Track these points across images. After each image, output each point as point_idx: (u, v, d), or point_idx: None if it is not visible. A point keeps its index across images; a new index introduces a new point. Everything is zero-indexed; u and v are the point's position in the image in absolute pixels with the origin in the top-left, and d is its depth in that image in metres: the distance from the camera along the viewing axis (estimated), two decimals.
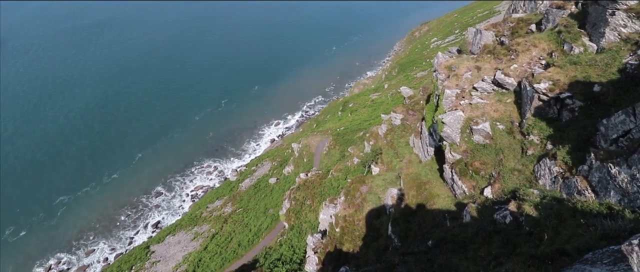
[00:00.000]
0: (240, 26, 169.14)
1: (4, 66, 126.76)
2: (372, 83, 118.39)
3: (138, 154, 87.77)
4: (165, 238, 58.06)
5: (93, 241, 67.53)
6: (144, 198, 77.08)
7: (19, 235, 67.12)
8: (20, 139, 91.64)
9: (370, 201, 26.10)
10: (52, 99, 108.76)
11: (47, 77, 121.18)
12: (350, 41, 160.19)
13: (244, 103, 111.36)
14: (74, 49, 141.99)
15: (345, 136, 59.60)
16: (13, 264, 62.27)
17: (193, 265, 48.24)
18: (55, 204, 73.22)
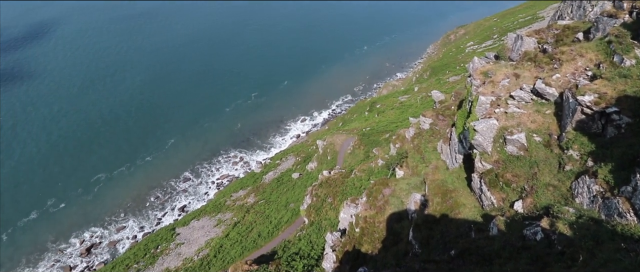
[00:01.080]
0: (276, 22, 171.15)
1: (59, 51, 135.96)
2: (402, 85, 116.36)
3: (170, 140, 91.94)
4: (190, 222, 60.42)
5: (124, 218, 71.64)
6: (172, 182, 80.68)
7: (59, 207, 72.65)
8: (64, 119, 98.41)
9: (393, 204, 25.80)
10: (95, 84, 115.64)
11: (93, 63, 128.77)
12: (382, 41, 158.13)
13: (273, 97, 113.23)
14: (120, 37, 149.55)
15: (371, 137, 59.10)
16: (53, 233, 67.41)
17: (214, 250, 49.91)
18: (93, 181, 78.47)
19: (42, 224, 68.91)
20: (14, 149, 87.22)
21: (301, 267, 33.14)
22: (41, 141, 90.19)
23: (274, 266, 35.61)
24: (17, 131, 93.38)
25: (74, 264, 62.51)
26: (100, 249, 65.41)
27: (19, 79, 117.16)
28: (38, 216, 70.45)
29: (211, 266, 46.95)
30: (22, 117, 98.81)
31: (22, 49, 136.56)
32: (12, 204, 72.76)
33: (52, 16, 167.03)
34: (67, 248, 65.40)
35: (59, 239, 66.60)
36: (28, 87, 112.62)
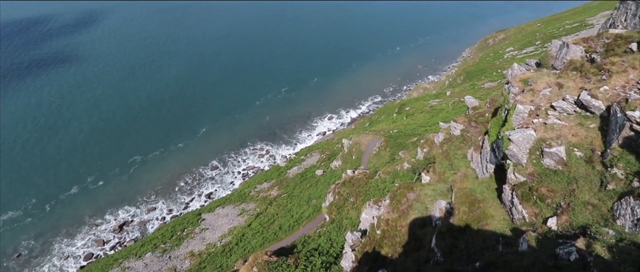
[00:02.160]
0: (310, 19, 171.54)
1: (105, 39, 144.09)
2: (434, 88, 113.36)
3: (202, 129, 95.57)
4: (216, 209, 62.50)
5: (154, 200, 75.41)
6: (201, 169, 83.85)
7: (98, 184, 77.83)
8: (105, 103, 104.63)
9: (416, 210, 25.35)
10: (136, 72, 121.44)
11: (135, 52, 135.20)
12: (416, 42, 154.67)
13: (302, 93, 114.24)
14: (162, 28, 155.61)
15: (398, 139, 58.17)
16: (90, 208, 72.29)
17: (236, 238, 51.36)
18: (129, 162, 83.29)
19: (82, 199, 74.10)
20: (59, 128, 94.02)
21: (319, 263, 33.39)
22: (84, 122, 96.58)
23: (293, 260, 36.13)
24: (62, 111, 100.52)
25: (107, 239, 66.69)
26: (132, 227, 69.34)
27: (68, 62, 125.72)
28: (78, 191, 75.84)
29: (232, 253, 48.38)
30: (68, 98, 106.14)
31: (72, 34, 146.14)
32: (55, 179, 78.68)
33: (101, 5, 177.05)
34: (102, 224, 69.88)
35: (96, 214, 71.33)
36: (75, 71, 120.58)
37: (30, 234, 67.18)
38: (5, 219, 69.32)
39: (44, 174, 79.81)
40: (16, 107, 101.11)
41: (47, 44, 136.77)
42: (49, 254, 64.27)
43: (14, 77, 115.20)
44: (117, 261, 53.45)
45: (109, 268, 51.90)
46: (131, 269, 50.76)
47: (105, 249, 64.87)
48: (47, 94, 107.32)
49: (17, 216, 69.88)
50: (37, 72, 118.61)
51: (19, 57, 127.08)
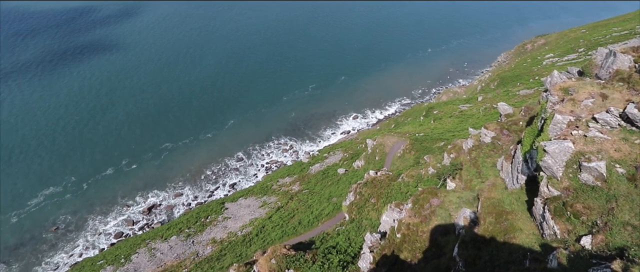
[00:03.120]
0: (342, 18, 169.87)
1: (145, 30, 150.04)
2: (464, 93, 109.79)
3: (230, 121, 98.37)
4: (238, 199, 64.14)
5: (181, 186, 78.63)
6: (226, 159, 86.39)
7: (131, 167, 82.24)
8: (141, 92, 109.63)
9: (439, 216, 24.82)
10: (172, 64, 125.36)
11: (173, 44, 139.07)
12: (449, 44, 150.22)
13: (328, 91, 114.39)
14: (200, 22, 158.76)
15: (424, 143, 56.95)
16: (123, 189, 76.49)
17: (257, 229, 52.49)
18: (161, 148, 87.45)
19: (115, 181, 78.58)
20: (98, 113, 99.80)
21: (337, 261, 33.46)
22: (121, 108, 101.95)
23: (311, 255, 36.42)
24: (102, 97, 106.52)
25: (136, 220, 70.30)
26: (159, 210, 72.67)
27: (110, 51, 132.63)
28: (113, 173, 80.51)
29: (252, 244, 49.51)
30: (108, 85, 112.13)
31: (115, 25, 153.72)
32: (93, 160, 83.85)
33: None
34: (133, 205, 73.76)
35: (127, 196, 75.39)
36: (116, 60, 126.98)
37: (68, 209, 72.09)
38: (46, 194, 74.80)
39: (83, 155, 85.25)
40: (61, 91, 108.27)
41: (92, 33, 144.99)
42: (84, 229, 68.71)
43: (60, 63, 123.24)
44: (144, 241, 56.21)
45: (137, 247, 54.71)
46: (157, 250, 53.24)
47: (134, 229, 68.45)
48: (89, 80, 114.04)
49: (57, 192, 75.23)
50: (80, 59, 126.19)
51: (66, 44, 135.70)
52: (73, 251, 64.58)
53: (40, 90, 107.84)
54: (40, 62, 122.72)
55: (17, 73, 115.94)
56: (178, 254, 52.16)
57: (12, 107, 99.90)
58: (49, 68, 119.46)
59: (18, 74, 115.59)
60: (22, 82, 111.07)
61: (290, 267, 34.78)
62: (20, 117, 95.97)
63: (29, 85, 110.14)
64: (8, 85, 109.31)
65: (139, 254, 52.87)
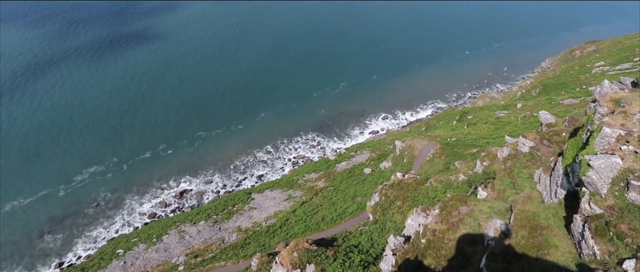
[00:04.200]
0: (379, 17, 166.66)
1: (188, 24, 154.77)
2: (502, 99, 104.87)
3: (261, 114, 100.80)
4: (265, 191, 65.68)
5: (212, 173, 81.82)
6: (255, 151, 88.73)
7: (167, 152, 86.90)
8: (178, 83, 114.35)
9: (468, 225, 24.08)
10: (213, 57, 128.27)
11: (215, 37, 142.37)
12: (488, 47, 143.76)
13: (359, 90, 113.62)
14: (242, 16, 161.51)
15: (455, 148, 55.21)
16: (158, 173, 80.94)
17: (280, 222, 53.55)
18: (195, 136, 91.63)
19: (152, 164, 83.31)
20: (138, 99, 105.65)
21: (358, 261, 33.41)
22: (160, 96, 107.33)
23: (332, 252, 36.62)
24: (142, 84, 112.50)
25: (169, 202, 74.12)
26: (190, 195, 76.10)
27: (151, 41, 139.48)
28: (150, 156, 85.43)
29: (275, 235, 50.59)
30: (149, 75, 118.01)
31: (159, 17, 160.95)
32: (132, 143, 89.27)
33: None
34: (166, 188, 77.81)
35: (162, 179, 79.64)
36: (158, 50, 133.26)
37: (108, 187, 77.35)
38: (90, 172, 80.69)
39: (124, 138, 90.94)
40: (106, 78, 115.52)
41: (137, 24, 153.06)
42: (121, 207, 73.44)
43: (107, 51, 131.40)
44: (175, 223, 59.14)
45: (168, 229, 57.70)
46: (186, 232, 55.86)
47: (166, 211, 72.19)
48: (132, 69, 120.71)
49: (100, 171, 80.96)
50: (125, 48, 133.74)
51: (113, 33, 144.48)
52: (110, 227, 69.29)
53: (87, 76, 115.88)
54: (89, 49, 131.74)
55: (68, 59, 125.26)
56: (205, 238, 54.41)
57: (63, 91, 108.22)
58: (96, 55, 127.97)
59: (69, 59, 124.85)
60: (72, 68, 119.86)
61: (311, 262, 35.19)
62: (69, 100, 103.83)
63: (79, 70, 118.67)
64: (60, 70, 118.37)
65: (169, 235, 55.75)
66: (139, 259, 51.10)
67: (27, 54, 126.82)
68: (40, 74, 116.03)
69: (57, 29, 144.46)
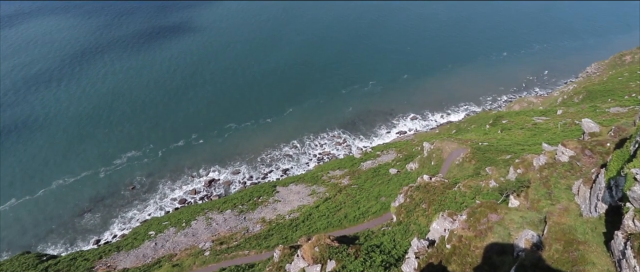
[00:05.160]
0: (415, 16, 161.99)
1: (224, 21, 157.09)
2: (541, 104, 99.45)
3: (289, 109, 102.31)
4: (289, 184, 66.71)
5: (239, 164, 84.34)
6: (282, 145, 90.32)
7: (199, 142, 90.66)
8: (210, 76, 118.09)
9: (497, 233, 23.31)
10: (241, 55, 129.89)
11: (252, 33, 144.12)
12: (528, 49, 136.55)
13: (389, 88, 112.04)
14: (279, 12, 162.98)
15: (487, 153, 53.20)
16: (190, 161, 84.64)
17: (304, 216, 54.27)
18: (225, 128, 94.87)
19: (184, 152, 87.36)
20: (174, 90, 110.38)
21: (379, 261, 33.29)
22: (193, 89, 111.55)
23: (354, 250, 36.69)
24: (176, 77, 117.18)
25: (198, 190, 77.28)
26: (218, 184, 78.90)
27: (188, 35, 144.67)
28: (183, 145, 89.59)
29: (298, 229, 51.36)
30: (183, 67, 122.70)
31: (198, 9, 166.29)
32: (165, 132, 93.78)
33: None
34: (196, 176, 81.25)
35: (193, 167, 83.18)
36: (193, 44, 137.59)
37: (144, 172, 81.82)
38: (129, 156, 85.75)
39: (158, 126, 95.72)
40: (144, 69, 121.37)
41: (175, 18, 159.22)
42: (154, 192, 77.49)
43: (146, 43, 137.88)
44: (203, 210, 61.58)
45: (196, 215, 60.21)
46: (213, 220, 58.03)
47: (195, 198, 75.33)
48: (168, 62, 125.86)
49: (138, 156, 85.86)
50: (163, 41, 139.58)
51: (154, 25, 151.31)
52: (144, 210, 73.36)
53: (128, 66, 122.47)
54: (131, 41, 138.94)
55: (112, 49, 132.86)
56: (231, 226, 56.25)
57: (105, 79, 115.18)
58: (137, 47, 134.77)
59: (112, 50, 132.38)
60: (114, 58, 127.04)
61: (332, 258, 35.47)
62: (111, 88, 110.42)
63: (120, 61, 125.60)
64: (103, 60, 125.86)
65: (197, 221, 58.17)
66: (169, 242, 53.79)
67: (74, 43, 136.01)
68: (85, 63, 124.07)
69: (103, 21, 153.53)
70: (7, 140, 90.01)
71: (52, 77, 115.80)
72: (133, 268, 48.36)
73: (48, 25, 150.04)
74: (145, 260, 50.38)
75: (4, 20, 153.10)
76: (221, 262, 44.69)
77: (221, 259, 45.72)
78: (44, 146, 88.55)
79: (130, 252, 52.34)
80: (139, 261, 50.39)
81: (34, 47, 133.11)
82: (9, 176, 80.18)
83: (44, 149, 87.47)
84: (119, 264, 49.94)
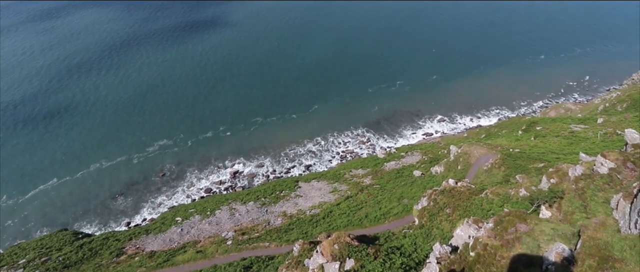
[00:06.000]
0: (450, 17, 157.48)
1: (256, 17, 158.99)
2: (580, 111, 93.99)
3: (315, 105, 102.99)
4: (311, 180, 67.28)
5: (263, 158, 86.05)
6: (306, 141, 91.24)
7: (226, 134, 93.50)
8: (243, 72, 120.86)
9: (525, 244, 22.50)
10: (271, 52, 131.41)
11: (277, 32, 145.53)
12: (569, 52, 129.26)
13: (416, 89, 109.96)
14: (306, 12, 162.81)
15: (518, 160, 51.10)
16: (217, 152, 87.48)
17: (324, 213, 54.62)
18: (252, 121, 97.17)
19: (212, 143, 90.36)
20: (204, 84, 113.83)
21: (399, 263, 32.96)
22: (224, 82, 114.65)
23: (373, 250, 36.56)
24: (208, 70, 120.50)
25: (223, 180, 79.69)
26: (242, 176, 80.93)
27: (223, 29, 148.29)
28: (212, 136, 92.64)
29: (318, 225, 51.80)
30: (213, 61, 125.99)
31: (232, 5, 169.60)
32: (196, 122, 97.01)
33: None
34: (222, 167, 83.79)
35: (219, 158, 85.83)
36: (232, 39, 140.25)
37: (174, 160, 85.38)
38: (160, 144, 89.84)
39: (190, 117, 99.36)
40: (176, 62, 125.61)
41: (210, 13, 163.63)
42: (183, 180, 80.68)
43: (180, 37, 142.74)
44: (227, 200, 63.42)
45: (220, 204, 62.12)
46: (236, 210, 59.68)
47: (220, 188, 77.69)
48: (199, 56, 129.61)
49: (169, 144, 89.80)
50: (195, 35, 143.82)
51: (189, 21, 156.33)
52: (173, 196, 76.62)
53: (162, 60, 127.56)
54: (167, 35, 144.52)
55: (148, 42, 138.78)
56: (253, 218, 57.62)
57: (141, 71, 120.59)
58: (171, 40, 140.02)
59: (149, 43, 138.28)
60: (150, 50, 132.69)
61: (351, 257, 35.53)
62: (146, 79, 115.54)
63: (155, 53, 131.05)
64: (140, 52, 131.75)
65: (221, 211, 60.03)
66: (194, 229, 55.93)
67: (114, 36, 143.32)
68: (123, 54, 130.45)
69: (141, 15, 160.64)
70: (51, 124, 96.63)
71: (92, 67, 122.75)
72: (160, 251, 50.73)
73: (92, 18, 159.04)
74: (172, 244, 52.69)
75: (53, 13, 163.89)
76: (242, 252, 45.93)
77: (242, 249, 47.00)
78: (83, 131, 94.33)
79: (157, 236, 54.89)
80: (165, 244, 52.79)
81: (77, 38, 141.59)
82: (52, 157, 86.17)
83: (83, 134, 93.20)
84: (147, 247, 52.54)
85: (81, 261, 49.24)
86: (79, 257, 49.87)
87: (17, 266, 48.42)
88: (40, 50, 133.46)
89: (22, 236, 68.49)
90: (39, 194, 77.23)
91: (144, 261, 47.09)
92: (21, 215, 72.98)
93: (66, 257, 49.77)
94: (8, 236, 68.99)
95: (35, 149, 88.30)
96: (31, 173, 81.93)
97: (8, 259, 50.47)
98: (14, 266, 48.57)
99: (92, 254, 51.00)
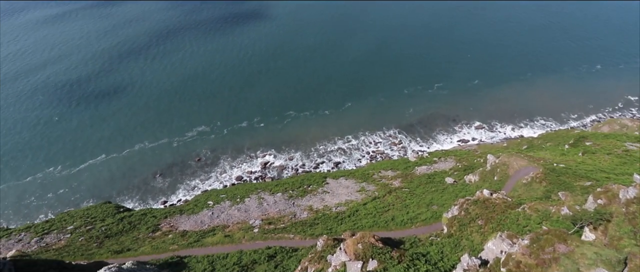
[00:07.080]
0: (499, 19, 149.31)
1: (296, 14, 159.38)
2: (638, 128, 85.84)
3: (348, 103, 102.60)
4: (339, 178, 67.36)
5: (294, 151, 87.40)
6: (336, 138, 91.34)
7: (260, 125, 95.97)
8: (280, 66, 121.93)
9: (563, 266, 21.19)
10: (310, 48, 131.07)
11: (316, 28, 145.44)
12: (630, 64, 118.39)
13: (455, 93, 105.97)
14: (349, 10, 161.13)
15: (562, 177, 47.84)
16: (249, 142, 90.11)
17: (350, 211, 54.56)
18: (285, 114, 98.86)
19: (246, 133, 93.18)
20: (242, 75, 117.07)
21: (423, 270, 32.26)
22: (260, 75, 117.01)
23: (398, 254, 36.03)
24: (247, 62, 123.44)
25: (253, 170, 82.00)
26: (272, 168, 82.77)
27: (265, 23, 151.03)
28: (246, 126, 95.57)
29: (343, 223, 51.87)
30: (251, 54, 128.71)
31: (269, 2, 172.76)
32: (232, 112, 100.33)
33: None
34: (253, 157, 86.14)
35: (251, 148, 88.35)
36: (272, 33, 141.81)
37: (209, 146, 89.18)
38: (198, 130, 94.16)
39: (227, 106, 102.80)
40: (216, 53, 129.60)
41: (253, 6, 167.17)
42: (216, 166, 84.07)
43: (221, 29, 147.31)
44: (256, 189, 65.24)
45: (250, 193, 64.05)
46: (264, 200, 61.26)
47: (250, 177, 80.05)
48: (239, 47, 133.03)
49: (206, 131, 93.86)
50: (235, 28, 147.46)
51: (233, 13, 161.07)
52: (206, 181, 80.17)
53: (204, 50, 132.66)
54: (210, 25, 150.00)
55: (192, 32, 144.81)
56: (280, 209, 58.86)
57: (184, 59, 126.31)
58: (213, 32, 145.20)
59: (193, 33, 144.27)
60: (193, 40, 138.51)
61: (374, 258, 35.28)
62: (188, 68, 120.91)
63: (197, 43, 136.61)
64: (184, 42, 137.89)
65: (250, 199, 61.89)
66: (224, 214, 58.20)
67: (162, 25, 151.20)
68: (169, 43, 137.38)
69: (189, 6, 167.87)
70: (101, 104, 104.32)
71: (141, 54, 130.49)
72: (191, 231, 53.41)
73: (145, 6, 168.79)
74: (202, 226, 55.25)
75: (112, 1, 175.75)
76: (268, 241, 47.15)
77: (268, 238, 48.25)
78: (129, 113, 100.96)
79: (190, 217, 57.78)
80: (196, 225, 55.47)
81: (129, 26, 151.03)
82: (100, 135, 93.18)
83: (129, 116, 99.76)
84: (180, 226, 55.52)
85: (121, 233, 53.06)
86: (119, 229, 53.77)
87: (65, 231, 53.22)
88: (96, 36, 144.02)
89: (72, 205, 74.99)
90: (88, 167, 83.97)
91: (176, 239, 49.83)
92: (72, 185, 79.83)
93: (108, 227, 53.87)
94: (59, 203, 75.81)
95: (86, 127, 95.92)
96: (82, 148, 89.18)
97: (58, 224, 55.54)
98: (62, 230, 53.41)
99: (131, 227, 54.76)
